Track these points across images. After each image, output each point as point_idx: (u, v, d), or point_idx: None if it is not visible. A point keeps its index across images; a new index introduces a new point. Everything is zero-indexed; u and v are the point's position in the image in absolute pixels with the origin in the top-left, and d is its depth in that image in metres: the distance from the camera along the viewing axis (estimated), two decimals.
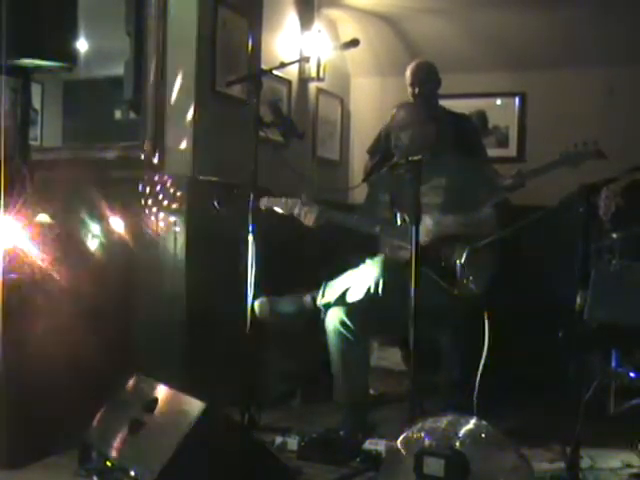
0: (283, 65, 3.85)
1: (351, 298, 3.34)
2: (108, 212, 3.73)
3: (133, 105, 3.90)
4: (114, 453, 2.71)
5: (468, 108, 5.00)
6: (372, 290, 3.28)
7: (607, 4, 4.54)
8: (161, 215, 3.78)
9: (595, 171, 3.05)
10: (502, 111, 5.14)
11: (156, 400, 2.75)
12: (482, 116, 5.10)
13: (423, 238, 3.16)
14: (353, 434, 3.23)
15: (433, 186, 3.54)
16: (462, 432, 2.35)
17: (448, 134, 3.77)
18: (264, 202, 3.59)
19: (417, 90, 4.28)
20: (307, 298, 3.51)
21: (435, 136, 3.63)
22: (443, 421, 2.41)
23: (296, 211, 3.57)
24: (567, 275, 2.75)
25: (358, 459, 3.01)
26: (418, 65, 4.34)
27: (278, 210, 3.60)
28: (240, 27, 4.12)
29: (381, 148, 4.37)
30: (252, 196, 3.34)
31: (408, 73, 4.33)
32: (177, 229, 3.76)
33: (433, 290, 3.25)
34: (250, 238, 3.31)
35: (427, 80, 4.31)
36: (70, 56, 3.24)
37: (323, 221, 3.55)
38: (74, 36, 3.29)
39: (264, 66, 4.17)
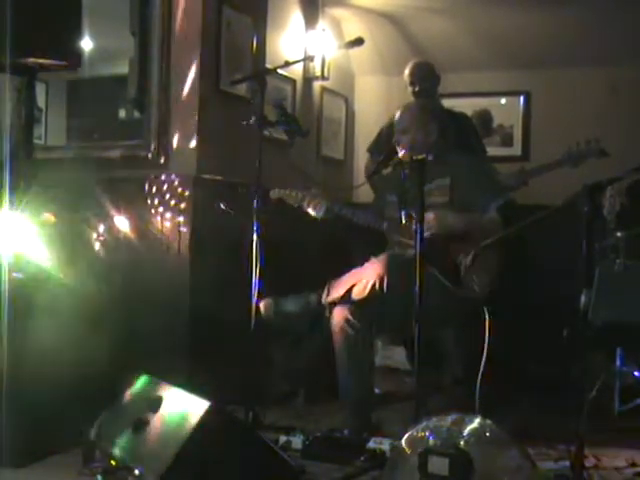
0: (287, 64, 3.86)
1: (356, 296, 3.34)
2: (113, 211, 3.74)
3: (137, 104, 3.91)
4: (118, 452, 2.71)
5: (472, 107, 5.01)
6: (377, 288, 3.28)
7: (611, 3, 4.53)
8: (166, 214, 3.78)
9: (599, 170, 3.05)
10: (506, 110, 5.14)
11: (161, 399, 2.75)
12: (486, 115, 5.10)
13: (426, 234, 3.17)
14: (357, 433, 3.22)
15: (438, 185, 3.54)
16: (466, 431, 2.35)
17: (450, 133, 3.78)
18: (274, 192, 3.67)
19: (417, 88, 4.38)
20: (312, 297, 3.50)
21: (438, 135, 3.64)
22: (447, 420, 2.41)
23: (305, 203, 3.59)
24: (571, 274, 2.74)
25: (362, 458, 3.00)
26: (416, 64, 4.45)
27: (287, 200, 3.63)
28: (245, 26, 4.12)
29: (382, 147, 4.38)
30: (256, 195, 3.35)
31: (407, 72, 4.43)
32: (182, 228, 3.77)
33: (437, 290, 3.25)
34: (255, 237, 3.32)
35: (425, 78, 4.39)
36: (74, 55, 3.24)
37: (332, 214, 3.57)
38: (78, 35, 3.29)
39: (268, 65, 4.18)
